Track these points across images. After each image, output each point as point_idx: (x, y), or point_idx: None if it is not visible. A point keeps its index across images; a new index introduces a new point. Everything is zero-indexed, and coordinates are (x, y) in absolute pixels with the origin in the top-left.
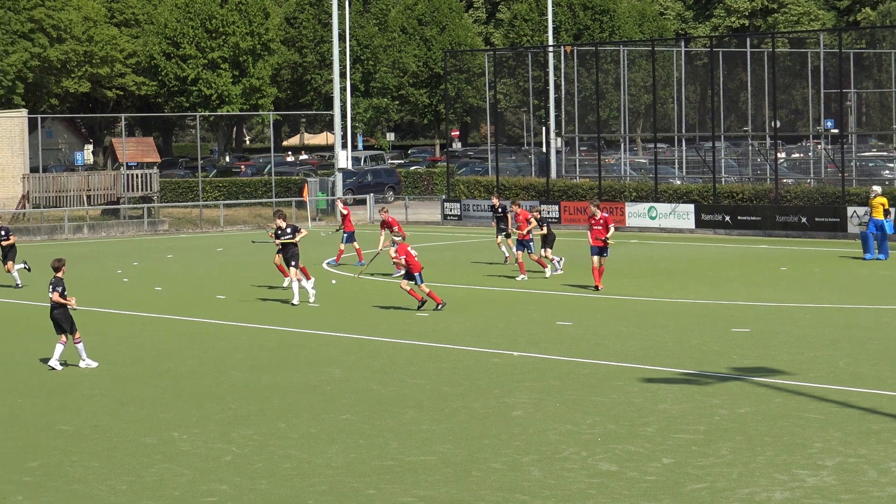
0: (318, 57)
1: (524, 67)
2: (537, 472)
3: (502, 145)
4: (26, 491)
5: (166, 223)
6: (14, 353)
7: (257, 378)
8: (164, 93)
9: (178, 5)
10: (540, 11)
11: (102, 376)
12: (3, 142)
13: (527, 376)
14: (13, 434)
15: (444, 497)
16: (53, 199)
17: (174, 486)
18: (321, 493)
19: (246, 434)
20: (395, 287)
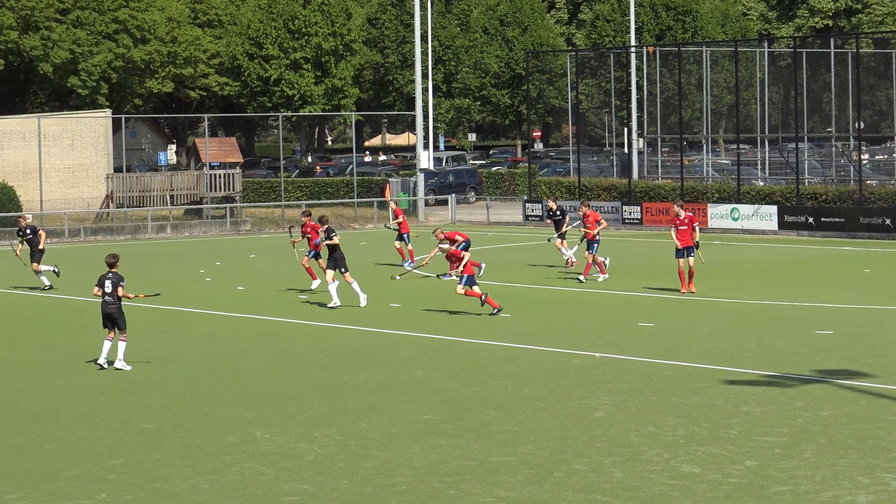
0: (400, 57)
1: (606, 68)
2: (619, 474)
3: (584, 146)
4: (109, 489)
5: (248, 223)
6: (92, 350)
7: (339, 378)
8: (247, 93)
9: (261, 6)
10: (622, 12)
11: (185, 375)
12: (87, 142)
13: (608, 377)
14: (97, 432)
15: (525, 498)
16: (137, 199)
17: (256, 485)
18: (402, 493)
19: (328, 433)
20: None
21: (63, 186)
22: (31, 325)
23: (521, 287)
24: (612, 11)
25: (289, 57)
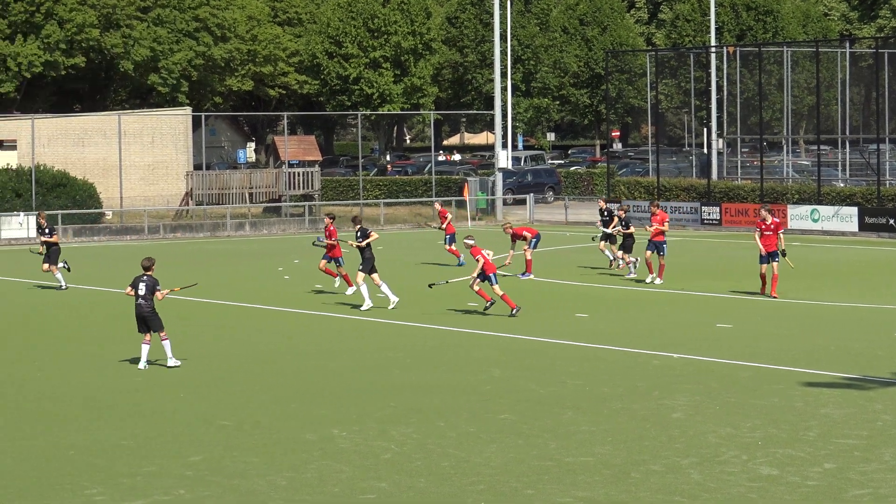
0: (479, 56)
1: (686, 68)
2: (697, 475)
3: (663, 146)
4: (188, 485)
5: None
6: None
7: (417, 377)
8: (326, 91)
9: (340, 5)
10: (702, 12)
11: (263, 372)
12: (167, 139)
13: (686, 378)
14: (175, 428)
15: (602, 498)
16: (216, 197)
17: (334, 482)
18: (479, 492)
19: (405, 432)
20: (555, 287)
21: (143, 184)
22: (110, 323)
23: (599, 287)
24: (692, 11)
25: (368, 55)
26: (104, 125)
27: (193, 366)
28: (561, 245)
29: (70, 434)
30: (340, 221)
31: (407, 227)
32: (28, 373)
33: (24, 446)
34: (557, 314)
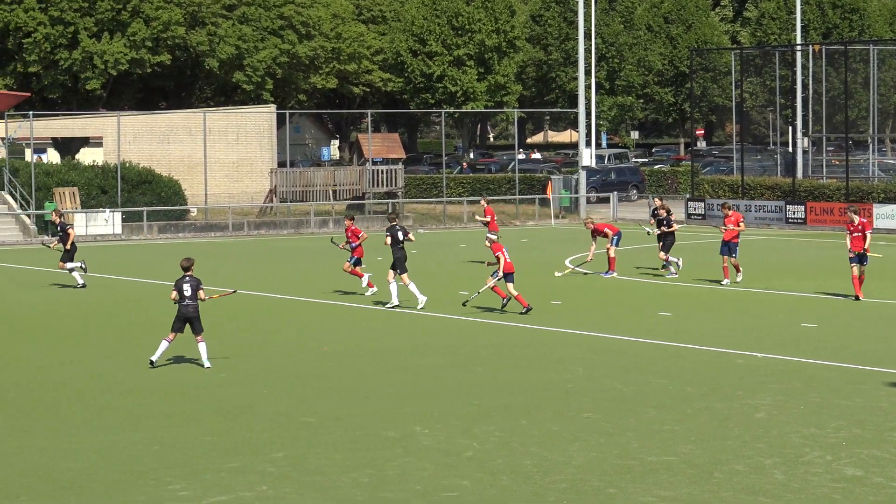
0: (563, 54)
1: (771, 66)
2: (780, 475)
3: (748, 145)
4: (270, 481)
5: (410, 219)
6: (252, 341)
7: (500, 375)
8: (410, 89)
9: (424, 3)
10: (788, 10)
11: (346, 370)
12: (252, 137)
13: (770, 378)
14: (259, 424)
15: (685, 498)
16: (300, 194)
17: (416, 480)
18: (562, 490)
19: (487, 430)
20: (639, 286)
21: (227, 180)
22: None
23: (683, 286)
24: (777, 9)
25: (452, 53)
26: (189, 122)
27: (276, 363)
28: (644, 244)
29: (154, 430)
30: (426, 219)
31: None
32: (114, 368)
33: (109, 442)
34: (641, 312)
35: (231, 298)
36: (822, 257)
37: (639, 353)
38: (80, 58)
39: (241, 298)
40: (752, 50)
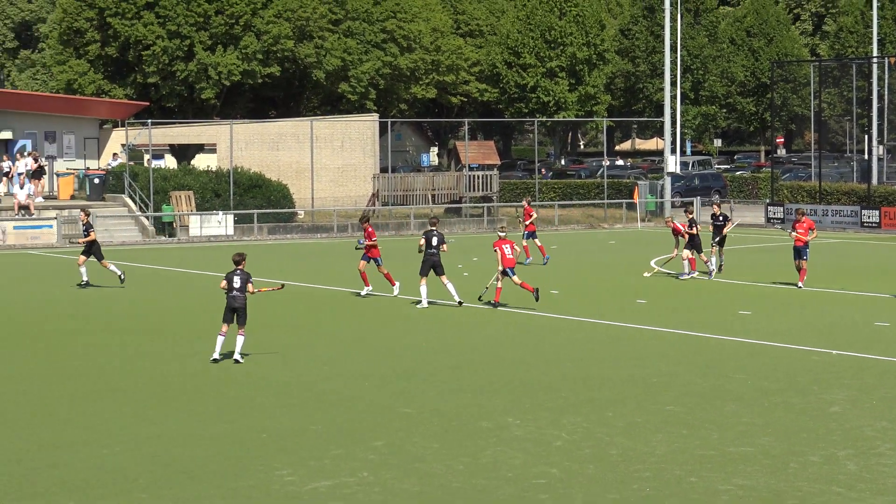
0: (650, 66)
1: (848, 78)
2: (853, 466)
3: (825, 152)
4: (371, 468)
5: (504, 221)
6: (354, 337)
7: (587, 369)
8: (505, 99)
9: (519, 17)
10: (865, 24)
11: (441, 364)
12: (356, 144)
13: (844, 374)
14: (360, 415)
15: (762, 487)
16: (400, 198)
17: (508, 468)
18: (645, 479)
19: (575, 421)
20: (719, 286)
21: (332, 185)
22: (298, 315)
23: (763, 286)
24: (855, 23)
25: (545, 65)
26: (297, 130)
27: (376, 357)
28: (727, 245)
29: (262, 420)
30: (518, 221)
31: (580, 227)
32: (227, 362)
33: (221, 430)
34: (722, 311)
35: (336, 297)
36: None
37: (719, 350)
38: (196, 69)
39: (345, 296)
40: (831, 62)
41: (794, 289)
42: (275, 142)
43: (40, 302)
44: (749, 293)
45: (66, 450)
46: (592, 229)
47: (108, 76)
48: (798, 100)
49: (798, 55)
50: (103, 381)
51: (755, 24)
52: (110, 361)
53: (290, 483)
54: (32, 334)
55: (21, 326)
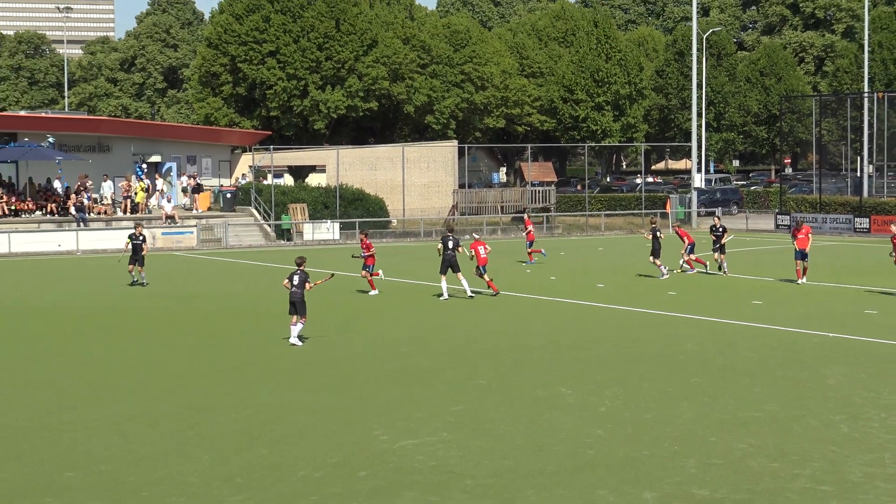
0: (680, 101)
1: (844, 110)
2: (845, 429)
3: (824, 170)
4: (449, 429)
5: (560, 228)
6: (444, 322)
7: (626, 348)
8: (561, 128)
9: (572, 61)
10: (858, 65)
11: (505, 345)
12: (439, 164)
13: (839, 353)
14: (441, 386)
15: (770, 445)
16: (475, 209)
17: (561, 429)
18: (674, 438)
19: (616, 391)
20: (737, 281)
21: (420, 198)
22: (390, 304)
23: (772, 282)
24: (850, 65)
25: (593, 100)
26: (391, 154)
27: (459, 340)
28: (742, 248)
29: (360, 389)
30: (572, 228)
31: (622, 232)
32: (339, 340)
33: (327, 400)
34: (737, 301)
35: (419, 290)
36: (883, 260)
37: (736, 333)
38: (309, 105)
39: (428, 290)
40: (829, 97)
41: (796, 284)
42: (373, 163)
43: (182, 295)
44: (760, 287)
45: (205, 413)
46: (632, 234)
47: (238, 110)
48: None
49: (802, 91)
50: (229, 359)
51: (767, 65)
52: (237, 342)
53: (383, 441)
54: (177, 319)
55: (169, 314)
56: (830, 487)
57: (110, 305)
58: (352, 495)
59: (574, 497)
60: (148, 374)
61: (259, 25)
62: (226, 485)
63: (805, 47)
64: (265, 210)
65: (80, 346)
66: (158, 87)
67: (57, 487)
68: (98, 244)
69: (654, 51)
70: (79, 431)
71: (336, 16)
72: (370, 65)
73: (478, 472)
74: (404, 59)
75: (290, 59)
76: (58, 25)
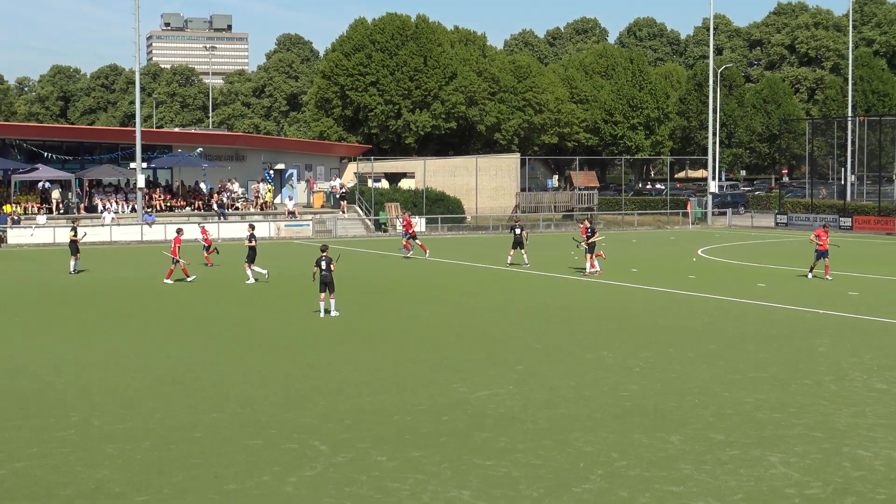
0: (699, 122)
1: (831, 130)
2: (833, 387)
3: (815, 179)
4: (514, 383)
5: (601, 224)
6: (506, 298)
7: (655, 320)
8: (602, 144)
9: (612, 90)
10: (843, 94)
11: (559, 317)
12: (505, 172)
13: (828, 326)
14: (506, 348)
15: (773, 399)
16: (533, 208)
17: (604, 384)
18: (694, 393)
19: (647, 356)
20: (742, 268)
21: (489, 200)
22: (464, 283)
23: (773, 268)
24: (836, 94)
25: (629, 122)
26: (467, 164)
27: (519, 311)
28: (748, 241)
29: (443, 350)
30: (611, 224)
31: (651, 228)
32: (432, 312)
33: (418, 356)
34: (745, 284)
35: (491, 272)
36: (863, 252)
37: (745, 310)
38: (402, 124)
39: (498, 272)
40: (820, 120)
41: (793, 269)
42: (452, 171)
43: (293, 274)
44: (764, 272)
45: (319, 369)
46: (659, 229)
47: (345, 128)
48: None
49: (797, 115)
50: (335, 326)
51: (769, 94)
52: (343, 311)
53: (462, 392)
54: (291, 294)
55: (284, 290)
56: (822, 434)
57: (240, 279)
58: (437, 435)
59: (614, 438)
60: (279, 337)
61: (363, 61)
62: (337, 425)
63: (800, 80)
64: (367, 208)
65: (229, 313)
66: (283, 110)
67: (203, 424)
68: (235, 234)
69: (677, 82)
70: (225, 381)
71: (424, 53)
72: (451, 93)
73: (537, 417)
74: (478, 89)
75: (387, 87)
76: (204, 61)
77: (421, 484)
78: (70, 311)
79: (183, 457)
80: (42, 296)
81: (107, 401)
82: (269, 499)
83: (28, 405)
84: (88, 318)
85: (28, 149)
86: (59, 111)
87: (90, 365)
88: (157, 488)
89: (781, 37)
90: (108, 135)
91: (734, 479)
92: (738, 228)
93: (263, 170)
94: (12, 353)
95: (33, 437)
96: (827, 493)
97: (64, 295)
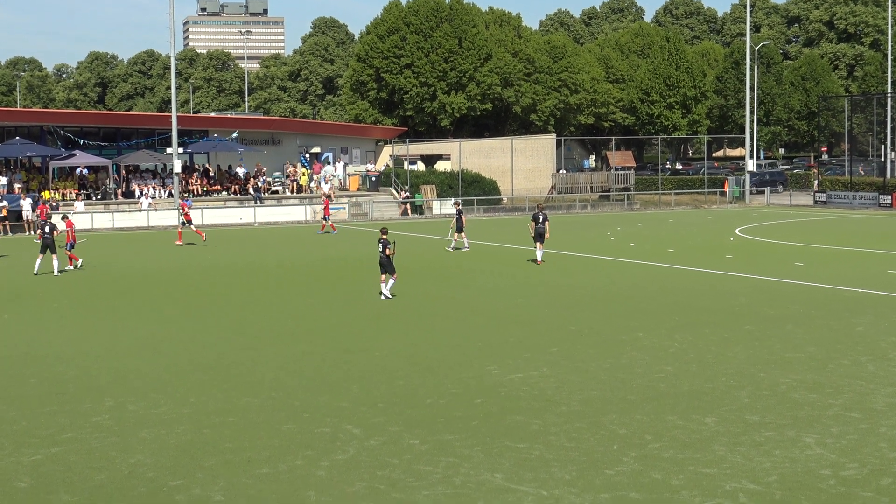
0: (736, 101)
1: (871, 107)
2: (872, 368)
3: (855, 157)
4: (548, 365)
5: (638, 204)
6: (537, 279)
7: (692, 301)
8: (639, 123)
9: (649, 69)
10: (882, 70)
11: (593, 298)
12: (540, 153)
13: (866, 305)
14: (541, 330)
15: (809, 380)
16: (570, 188)
17: (639, 365)
18: (730, 375)
19: (683, 336)
20: (779, 247)
21: (525, 181)
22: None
23: (811, 247)
24: (876, 70)
25: (666, 101)
26: (503, 145)
27: (550, 293)
28: (786, 220)
29: (478, 332)
30: (648, 204)
31: (688, 207)
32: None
33: (453, 341)
34: (783, 263)
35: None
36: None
37: (781, 290)
38: (437, 106)
39: (530, 254)
40: (859, 97)
41: (831, 247)
42: (488, 153)
43: (335, 258)
44: (801, 251)
45: (353, 354)
46: (697, 209)
47: (381, 111)
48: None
49: (836, 92)
50: (369, 310)
51: (807, 71)
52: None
53: (496, 375)
54: (326, 279)
55: (332, 271)
56: (858, 415)
57: (277, 264)
58: (470, 418)
59: (649, 420)
60: (314, 322)
61: (398, 43)
62: (370, 409)
63: (839, 56)
64: (403, 190)
65: (265, 298)
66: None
67: (237, 409)
68: (271, 218)
69: (714, 60)
70: (259, 367)
71: (459, 35)
72: (486, 74)
73: (571, 399)
74: (513, 69)
75: (422, 69)
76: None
77: (453, 467)
78: (106, 297)
79: (216, 441)
80: (78, 282)
81: (141, 386)
82: (302, 482)
83: (64, 391)
84: (123, 304)
85: (65, 135)
86: (97, 97)
87: (125, 351)
88: (191, 473)
89: (820, 13)
90: (145, 120)
91: (769, 461)
92: (776, 207)
93: (299, 153)
94: (50, 338)
95: (68, 423)
96: (863, 475)
97: (100, 281)
